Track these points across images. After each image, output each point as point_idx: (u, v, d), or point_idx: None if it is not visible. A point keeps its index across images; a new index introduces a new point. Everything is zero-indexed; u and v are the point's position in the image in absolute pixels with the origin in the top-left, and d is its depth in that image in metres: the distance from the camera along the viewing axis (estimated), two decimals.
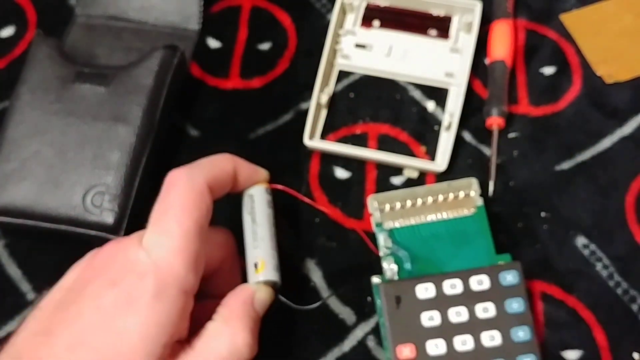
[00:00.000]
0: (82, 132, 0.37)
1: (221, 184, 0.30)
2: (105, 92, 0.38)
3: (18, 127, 0.37)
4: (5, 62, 0.44)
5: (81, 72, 0.38)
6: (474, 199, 0.36)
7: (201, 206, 0.28)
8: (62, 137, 0.37)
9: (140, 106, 0.37)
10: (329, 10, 0.44)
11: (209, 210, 0.29)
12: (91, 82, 0.38)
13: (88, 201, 0.36)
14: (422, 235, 0.35)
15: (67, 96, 0.38)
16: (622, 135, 0.39)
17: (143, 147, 0.37)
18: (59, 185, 0.36)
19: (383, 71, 0.41)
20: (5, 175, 0.36)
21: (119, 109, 0.37)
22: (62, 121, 0.37)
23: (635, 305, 0.35)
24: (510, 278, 0.33)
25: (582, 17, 0.42)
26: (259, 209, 0.32)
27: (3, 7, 0.46)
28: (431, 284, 0.33)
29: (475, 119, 0.40)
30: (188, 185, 0.28)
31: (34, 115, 0.37)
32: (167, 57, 0.39)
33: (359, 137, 0.40)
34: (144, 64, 0.39)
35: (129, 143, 0.37)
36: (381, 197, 0.36)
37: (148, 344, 0.26)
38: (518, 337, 0.32)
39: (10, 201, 0.36)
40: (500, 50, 0.40)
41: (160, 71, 0.38)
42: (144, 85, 0.38)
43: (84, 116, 0.37)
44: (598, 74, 0.40)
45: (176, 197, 0.28)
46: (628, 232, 0.36)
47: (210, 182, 0.29)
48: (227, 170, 0.31)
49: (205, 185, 0.29)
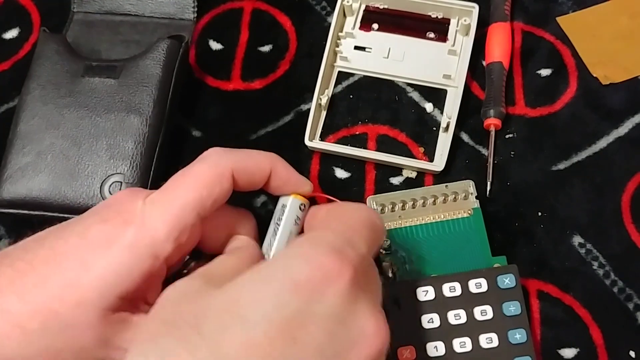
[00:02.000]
0: (95, 124, 0.38)
1: (250, 177, 0.30)
2: (116, 83, 0.39)
3: (30, 122, 0.38)
4: (10, 63, 0.44)
5: (90, 65, 0.39)
6: (470, 201, 0.36)
7: (214, 187, 0.28)
8: (75, 130, 0.38)
9: (150, 96, 0.38)
10: (328, 13, 0.45)
11: (222, 194, 0.28)
12: (101, 74, 0.39)
13: (106, 190, 0.36)
14: (419, 236, 0.36)
15: (78, 89, 0.39)
16: (618, 135, 0.39)
17: (156, 136, 0.38)
18: (76, 176, 0.37)
19: (382, 73, 0.42)
20: (20, 168, 0.37)
21: (130, 99, 0.38)
22: (74, 114, 0.38)
23: (631, 303, 0.35)
24: (507, 281, 0.33)
25: (578, 19, 0.43)
26: (285, 223, 0.31)
27: (7, 10, 0.46)
28: (431, 287, 0.33)
29: (472, 120, 0.40)
30: (212, 164, 0.29)
31: (46, 110, 0.38)
32: (173, 46, 0.40)
33: (359, 138, 0.40)
34: (151, 54, 0.39)
35: (142, 133, 0.37)
36: (380, 198, 0.36)
37: (102, 287, 0.26)
38: (515, 339, 0.32)
39: (28, 193, 0.37)
40: (498, 52, 0.41)
41: (167, 61, 0.39)
42: (153, 75, 0.39)
43: (96, 108, 0.38)
44: (594, 75, 0.41)
45: (195, 171, 0.29)
46: (624, 232, 0.37)
47: (237, 170, 0.29)
48: (262, 167, 0.30)
49: (229, 170, 0.29)
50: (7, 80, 0.44)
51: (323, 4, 0.45)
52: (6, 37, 0.46)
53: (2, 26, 0.46)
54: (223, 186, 0.28)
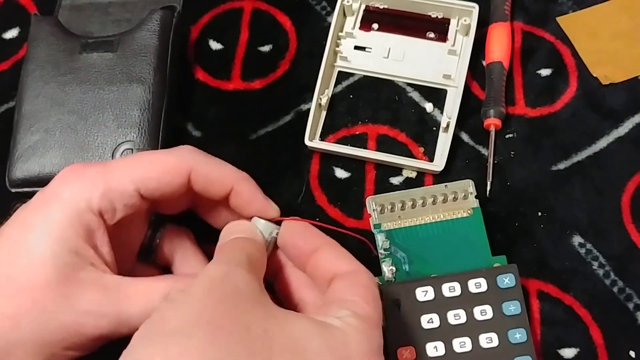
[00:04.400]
0: (99, 97, 0.39)
1: (207, 184, 0.31)
2: (114, 57, 0.40)
3: (35, 101, 0.39)
4: (10, 63, 0.44)
5: (86, 42, 0.40)
6: (470, 201, 0.36)
7: (164, 174, 0.30)
8: (80, 104, 0.39)
9: (150, 65, 0.39)
10: (328, 13, 0.45)
11: (170, 184, 0.30)
12: (98, 50, 0.40)
13: (118, 158, 0.37)
14: (419, 236, 0.36)
15: (78, 66, 0.39)
16: (618, 135, 0.39)
17: (160, 103, 0.39)
18: (87, 149, 0.38)
19: (382, 73, 0.42)
20: (30, 147, 0.38)
21: (131, 70, 0.39)
22: (77, 89, 0.39)
23: (631, 303, 0.35)
24: (507, 281, 0.33)
25: (578, 19, 0.43)
26: None
27: (7, 10, 0.46)
28: (430, 287, 0.33)
29: (472, 120, 0.40)
30: (175, 155, 0.31)
31: (48, 88, 0.39)
32: (166, 17, 0.41)
33: (359, 138, 0.40)
34: (146, 26, 0.40)
35: (147, 100, 0.38)
36: (379, 198, 0.36)
37: (50, 243, 0.28)
38: (515, 339, 0.32)
39: (41, 170, 0.37)
40: (498, 52, 0.41)
41: (162, 30, 0.40)
42: (150, 45, 0.40)
43: (98, 81, 0.39)
44: (594, 75, 0.41)
45: (158, 154, 0.31)
46: (624, 231, 0.37)
47: (196, 172, 0.30)
48: (223, 181, 0.31)
49: (188, 168, 0.30)
50: (7, 80, 0.44)
51: (323, 4, 0.45)
52: (6, 37, 0.46)
53: (2, 26, 0.46)
54: (174, 179, 0.30)
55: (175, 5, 0.42)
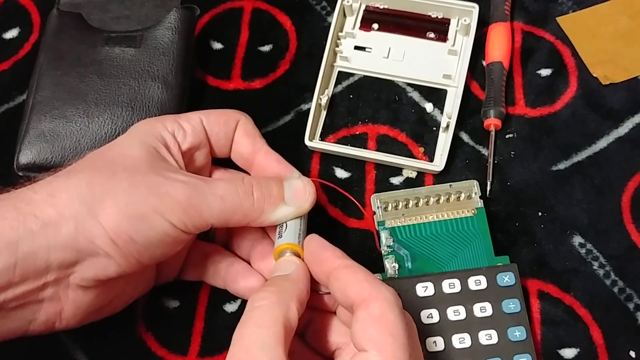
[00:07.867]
0: (119, 91, 0.39)
1: (218, 126, 0.34)
2: (136, 52, 0.40)
3: (52, 89, 0.39)
4: (10, 63, 0.44)
5: (109, 36, 0.41)
6: (474, 201, 0.36)
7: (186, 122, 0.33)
8: (98, 96, 0.39)
9: (172, 65, 0.40)
10: (328, 13, 0.45)
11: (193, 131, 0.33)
12: (120, 44, 0.40)
13: None
14: (423, 234, 0.36)
15: (100, 59, 0.40)
16: (618, 135, 0.39)
17: (179, 106, 0.39)
18: (100, 140, 0.38)
19: (382, 73, 0.42)
20: (42, 132, 0.38)
21: (152, 68, 0.40)
22: (97, 81, 0.39)
23: (631, 303, 0.35)
24: (507, 279, 0.33)
25: (578, 19, 0.43)
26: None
27: (7, 10, 0.46)
28: (430, 283, 0.33)
29: (472, 120, 0.40)
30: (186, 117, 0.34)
31: (68, 78, 0.40)
32: (187, 16, 0.41)
33: (359, 138, 0.40)
34: (169, 24, 0.41)
35: (167, 101, 0.39)
36: (384, 196, 0.37)
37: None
38: (514, 336, 0.33)
39: (51, 155, 0.38)
40: (498, 52, 0.41)
41: (185, 31, 0.41)
42: (173, 45, 0.40)
43: (119, 76, 0.39)
44: (594, 75, 0.41)
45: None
46: (624, 232, 0.37)
47: (207, 122, 0.34)
48: (229, 118, 0.35)
49: (199, 120, 0.34)
50: (7, 80, 0.44)
51: (323, 4, 0.45)
52: (6, 37, 0.46)
53: (2, 26, 0.46)
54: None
55: (194, 7, 0.42)
